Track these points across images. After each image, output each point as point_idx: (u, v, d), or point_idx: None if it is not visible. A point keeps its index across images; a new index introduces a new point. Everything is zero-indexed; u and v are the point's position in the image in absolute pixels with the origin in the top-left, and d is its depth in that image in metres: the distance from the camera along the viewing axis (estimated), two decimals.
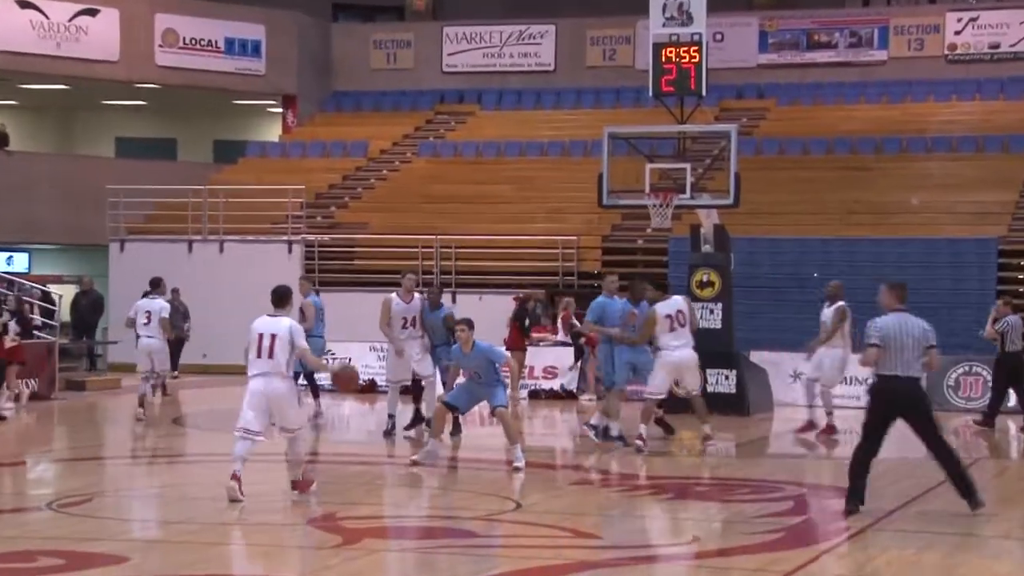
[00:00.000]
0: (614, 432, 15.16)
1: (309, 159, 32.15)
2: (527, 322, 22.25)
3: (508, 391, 14.55)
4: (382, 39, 35.25)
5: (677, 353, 14.84)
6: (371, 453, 15.51)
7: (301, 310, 18.34)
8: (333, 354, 22.18)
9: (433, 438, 13.94)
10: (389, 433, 15.97)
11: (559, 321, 23.15)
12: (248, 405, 11.49)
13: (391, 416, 16.02)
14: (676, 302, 15.20)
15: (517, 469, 13.30)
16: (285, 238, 27.52)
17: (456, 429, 15.82)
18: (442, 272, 26.37)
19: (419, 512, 11.77)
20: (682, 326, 14.89)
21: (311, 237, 27.64)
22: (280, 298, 11.66)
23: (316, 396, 19.14)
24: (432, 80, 34.60)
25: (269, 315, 11.61)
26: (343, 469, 14.44)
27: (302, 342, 11.40)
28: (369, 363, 22.50)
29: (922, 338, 11.23)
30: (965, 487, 11.07)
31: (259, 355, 11.38)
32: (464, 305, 23.58)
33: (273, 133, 35.29)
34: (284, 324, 11.37)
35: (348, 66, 35.11)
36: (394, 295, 15.86)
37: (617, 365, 15.19)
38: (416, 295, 15.89)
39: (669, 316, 14.87)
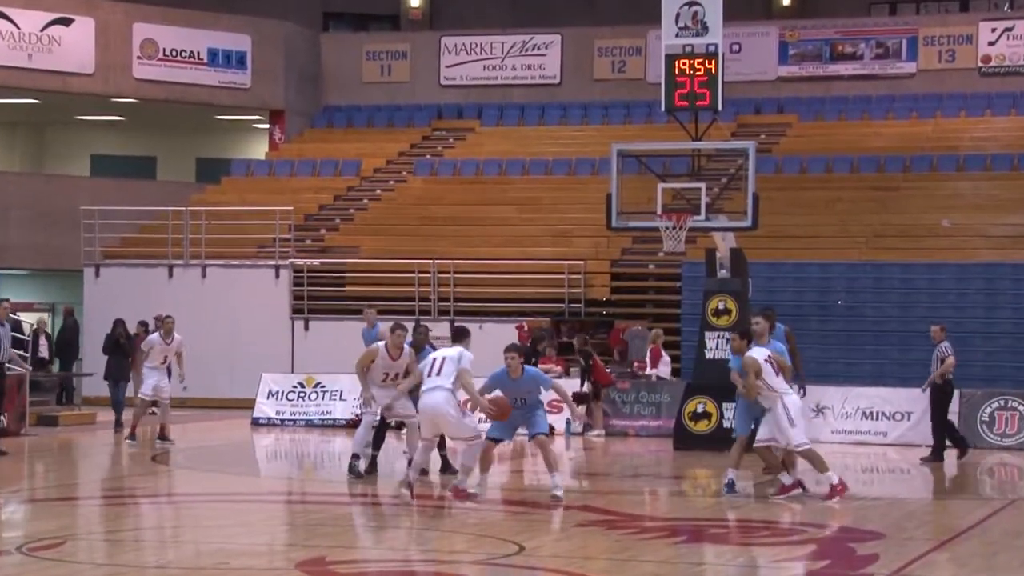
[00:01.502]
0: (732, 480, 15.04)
1: (298, 178, 32.26)
2: (534, 360, 22.29)
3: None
4: (376, 50, 35.40)
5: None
6: (364, 492, 15.53)
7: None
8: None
9: (482, 474, 14.45)
10: (368, 471, 15.90)
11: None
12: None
13: (369, 454, 15.99)
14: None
15: (557, 499, 13.76)
16: (272, 263, 27.60)
17: (448, 468, 15.87)
18: (440, 299, 26.44)
19: (415, 556, 11.80)
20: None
21: (299, 262, 27.72)
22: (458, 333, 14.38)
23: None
24: (429, 94, 34.72)
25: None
26: (335, 509, 14.48)
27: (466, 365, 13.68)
28: (357, 396, 22.54)
29: None
30: None
31: (429, 374, 13.77)
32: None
33: (259, 150, 35.40)
34: (456, 350, 13.96)
35: (339, 79, 35.24)
36: (382, 348, 15.75)
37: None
38: (405, 349, 15.81)
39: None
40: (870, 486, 16.82)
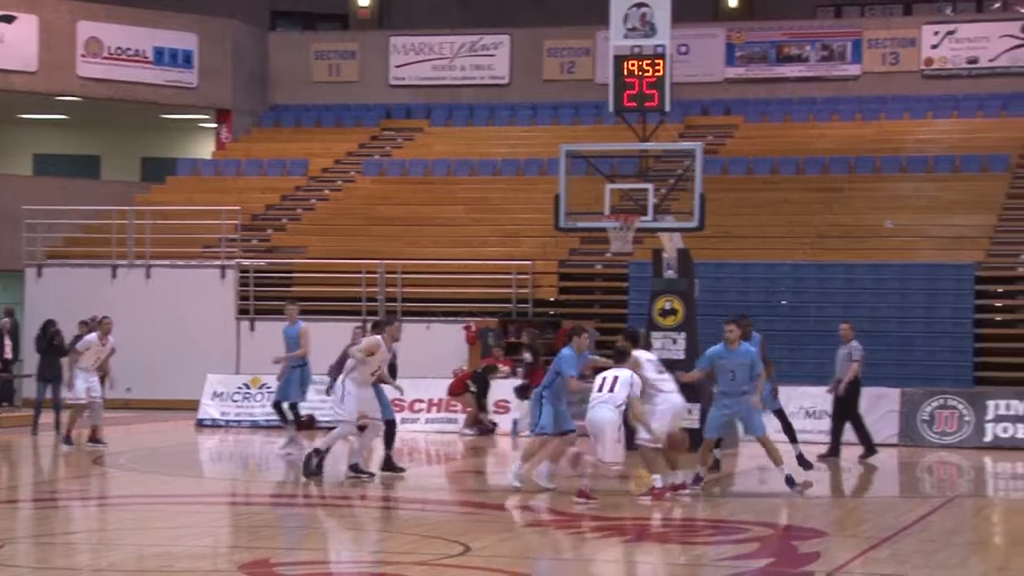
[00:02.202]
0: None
1: (244, 178, 32.10)
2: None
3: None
4: (324, 49, 35.29)
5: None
6: (311, 494, 15.48)
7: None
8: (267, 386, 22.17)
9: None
10: (358, 470, 15.81)
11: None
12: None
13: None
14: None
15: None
16: (218, 263, 27.45)
17: (391, 467, 15.86)
18: (387, 299, 26.39)
19: (360, 557, 11.77)
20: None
21: (246, 262, 27.58)
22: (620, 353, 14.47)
23: (298, 429, 19.25)
24: (378, 94, 34.65)
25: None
26: (281, 511, 14.41)
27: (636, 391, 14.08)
28: (308, 398, 22.47)
29: None
30: None
31: (600, 389, 14.11)
32: (411, 335, 23.64)
33: (206, 150, 35.21)
34: (627, 373, 14.27)
35: (287, 78, 35.11)
36: (381, 340, 15.78)
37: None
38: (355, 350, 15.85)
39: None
40: (816, 486, 16.91)
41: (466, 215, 29.50)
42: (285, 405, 19.30)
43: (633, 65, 20.66)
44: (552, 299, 26.67)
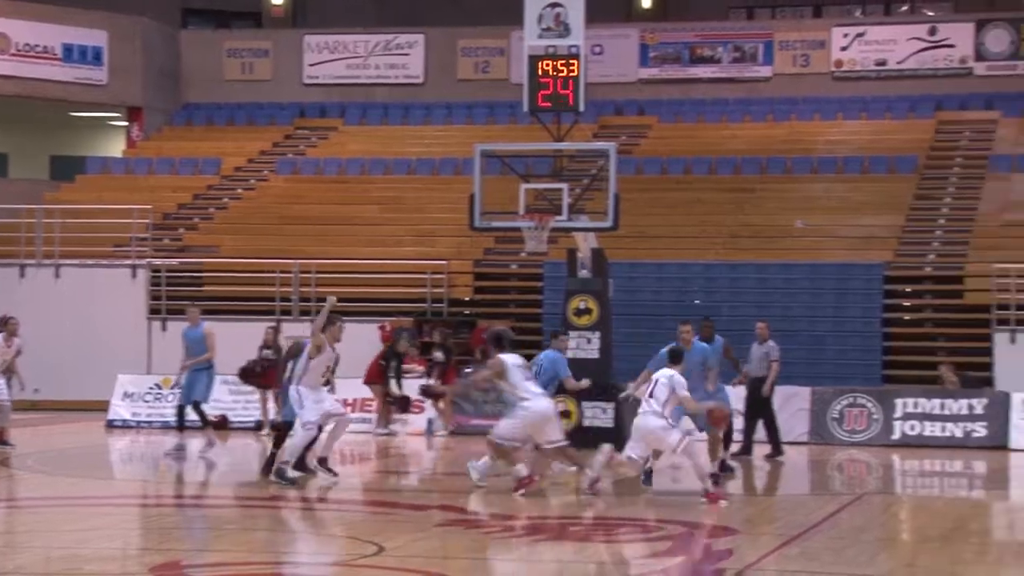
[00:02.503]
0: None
1: (156, 176, 31.76)
2: (395, 362, 22.23)
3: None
4: (237, 48, 35.01)
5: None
6: (225, 495, 15.36)
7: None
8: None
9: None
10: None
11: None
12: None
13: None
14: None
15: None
16: (129, 262, 27.14)
17: (268, 469, 15.77)
18: (301, 299, 26.24)
19: (271, 558, 11.69)
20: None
21: (157, 261, 27.29)
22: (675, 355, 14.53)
23: (206, 428, 19.09)
24: (291, 92, 34.45)
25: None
26: (192, 512, 14.28)
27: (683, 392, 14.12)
28: (220, 397, 22.31)
29: None
30: None
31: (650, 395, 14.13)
32: None
33: (116, 148, 34.79)
34: (668, 373, 14.27)
35: (199, 76, 34.79)
36: (324, 339, 15.66)
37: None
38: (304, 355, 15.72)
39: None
40: (725, 483, 17.05)
41: (381, 214, 29.41)
42: (190, 407, 19.14)
43: (547, 65, 20.71)
44: (467, 299, 26.67)
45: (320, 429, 15.58)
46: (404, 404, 22.07)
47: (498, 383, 15.01)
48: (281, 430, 15.99)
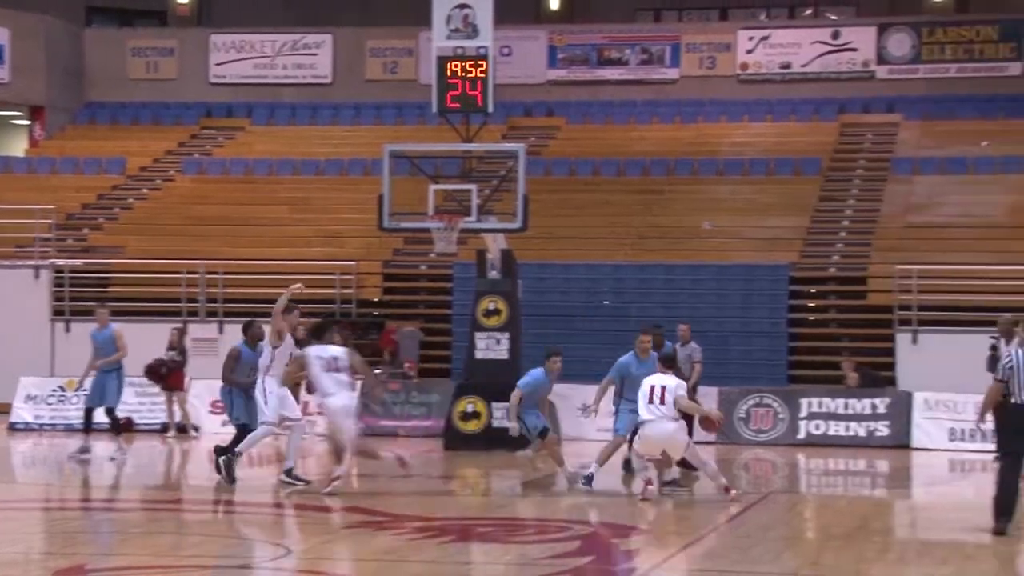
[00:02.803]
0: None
1: (59, 176, 31.31)
2: None
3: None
4: (141, 46, 34.63)
5: None
6: (131, 498, 15.18)
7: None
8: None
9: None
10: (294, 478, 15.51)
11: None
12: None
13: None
14: None
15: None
16: (32, 263, 26.73)
17: (231, 477, 15.64)
18: (208, 300, 26.00)
19: (178, 562, 11.57)
20: None
21: (61, 262, 26.90)
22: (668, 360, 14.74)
23: (117, 433, 18.84)
24: (197, 92, 34.13)
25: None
26: (97, 516, 14.10)
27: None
28: (126, 399, 22.01)
29: None
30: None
31: (651, 401, 14.24)
32: (233, 336, 23.28)
33: (18, 147, 34.25)
34: (672, 379, 14.47)
35: (104, 75, 34.36)
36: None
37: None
38: (262, 343, 15.55)
39: None
40: (633, 482, 17.18)
41: (289, 215, 29.23)
42: (102, 409, 18.89)
43: (456, 66, 20.74)
44: (376, 299, 26.60)
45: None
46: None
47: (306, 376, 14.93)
48: (239, 431, 15.80)
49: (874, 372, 22.54)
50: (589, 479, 15.01)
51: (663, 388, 14.23)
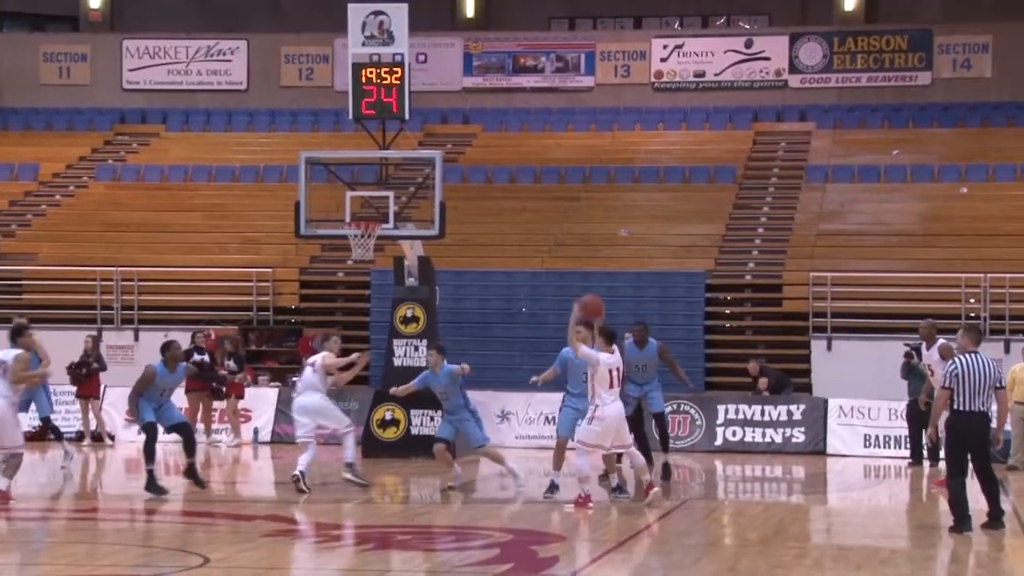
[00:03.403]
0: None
1: None
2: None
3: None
4: (53, 51, 34.16)
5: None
6: (46, 507, 14.94)
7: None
8: None
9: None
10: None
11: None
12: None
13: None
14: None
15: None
16: None
17: (193, 476, 15.46)
18: (123, 307, 25.69)
19: (92, 571, 11.40)
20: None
21: None
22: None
23: (60, 439, 18.61)
24: (111, 97, 33.72)
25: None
26: (9, 526, 13.85)
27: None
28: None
29: (993, 378, 12.66)
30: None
31: (611, 386, 14.26)
32: (149, 343, 23.11)
33: None
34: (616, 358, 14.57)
35: (15, 80, 33.83)
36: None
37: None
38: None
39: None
40: (552, 490, 17.21)
41: (204, 221, 28.96)
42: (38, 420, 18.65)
43: (371, 73, 20.67)
44: (293, 307, 26.43)
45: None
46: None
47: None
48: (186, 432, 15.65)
49: (780, 373, 22.71)
50: (552, 487, 15.07)
51: (618, 370, 14.45)
